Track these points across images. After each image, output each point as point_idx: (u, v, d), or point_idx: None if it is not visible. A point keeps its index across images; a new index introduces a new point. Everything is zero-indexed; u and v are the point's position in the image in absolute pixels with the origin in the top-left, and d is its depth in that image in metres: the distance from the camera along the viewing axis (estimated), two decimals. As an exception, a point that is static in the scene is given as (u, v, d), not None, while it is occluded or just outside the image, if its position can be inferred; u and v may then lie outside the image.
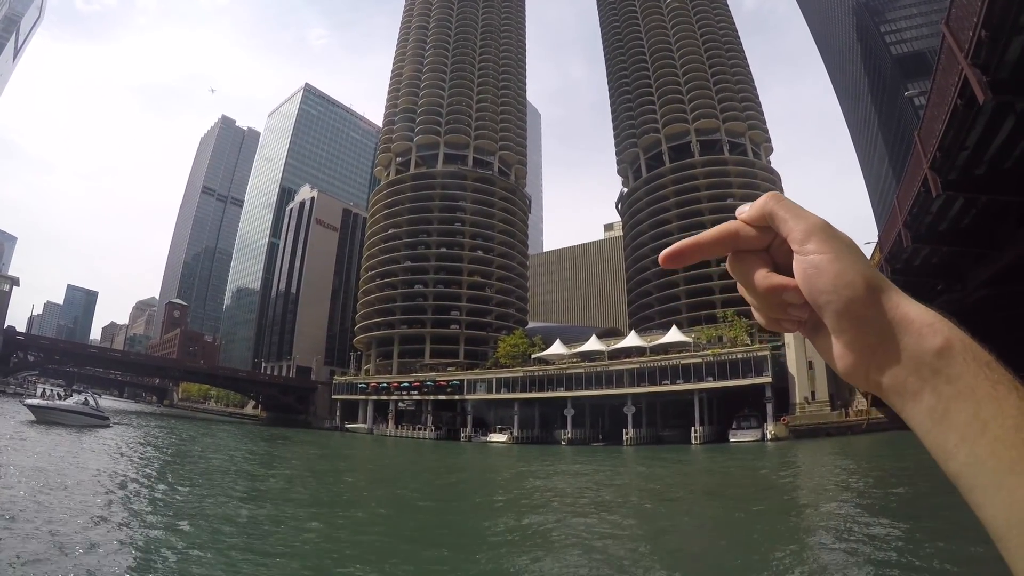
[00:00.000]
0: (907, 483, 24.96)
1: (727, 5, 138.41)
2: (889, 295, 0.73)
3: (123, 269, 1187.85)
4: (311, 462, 42.73)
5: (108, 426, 54.19)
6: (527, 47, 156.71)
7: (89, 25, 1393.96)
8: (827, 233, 0.76)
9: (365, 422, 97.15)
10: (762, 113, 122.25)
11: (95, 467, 26.36)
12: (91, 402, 57.30)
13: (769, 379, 62.40)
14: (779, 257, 0.83)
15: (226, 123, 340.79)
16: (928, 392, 0.68)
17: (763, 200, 0.82)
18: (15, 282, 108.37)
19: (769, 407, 62.08)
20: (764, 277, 0.81)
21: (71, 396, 62.41)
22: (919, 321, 0.70)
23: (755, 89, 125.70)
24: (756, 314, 0.87)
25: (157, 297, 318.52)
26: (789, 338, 65.05)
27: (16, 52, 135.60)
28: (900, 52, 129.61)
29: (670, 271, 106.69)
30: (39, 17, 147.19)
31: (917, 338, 0.69)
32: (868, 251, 34.81)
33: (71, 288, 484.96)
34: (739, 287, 0.85)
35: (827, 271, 0.74)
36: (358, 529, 17.49)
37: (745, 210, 0.84)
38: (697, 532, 18.61)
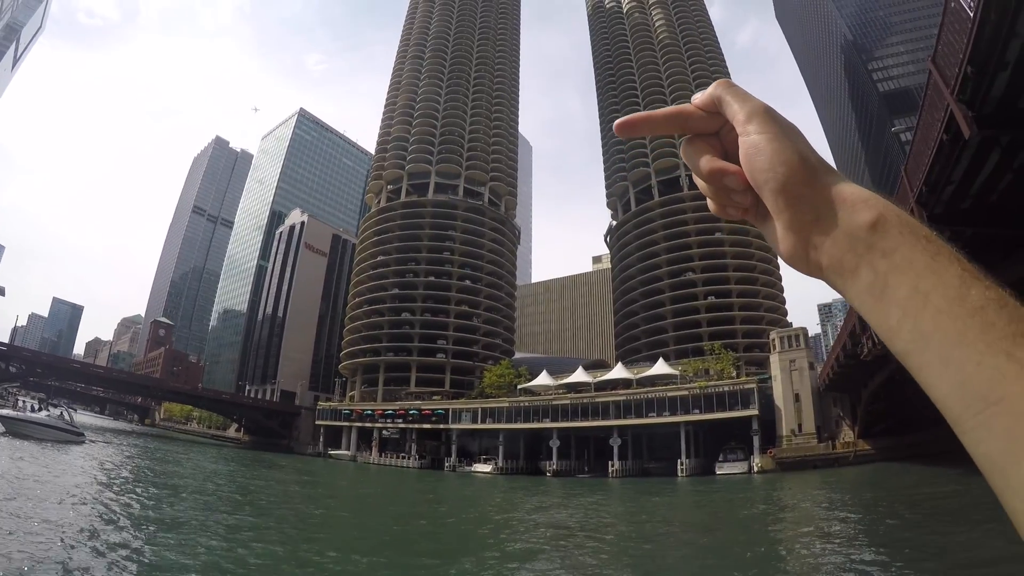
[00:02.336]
0: (893, 515, 24.86)
1: (717, 41, 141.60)
2: (827, 175, 0.75)
3: (110, 285, 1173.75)
4: (289, 488, 41.93)
5: (83, 442, 52.82)
6: (521, 79, 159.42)
7: (90, 38, 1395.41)
8: (769, 115, 0.80)
9: (348, 449, 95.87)
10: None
11: (57, 484, 25.54)
12: (66, 416, 56.03)
13: (756, 412, 62.40)
14: (728, 145, 0.86)
15: (220, 144, 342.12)
16: (865, 267, 0.67)
17: (714, 86, 0.87)
18: (1, 292, 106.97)
19: (756, 439, 62.11)
20: (708, 161, 0.85)
21: (44, 409, 60.68)
22: (853, 197, 0.71)
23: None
24: (709, 203, 0.90)
25: (143, 315, 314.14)
26: (776, 371, 65.34)
27: (15, 61, 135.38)
28: (887, 89, 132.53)
29: (658, 304, 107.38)
30: (40, 27, 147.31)
31: (850, 213, 0.69)
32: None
33: (57, 301, 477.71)
34: (693, 177, 0.89)
35: (765, 150, 0.76)
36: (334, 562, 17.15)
37: (698, 96, 0.89)
38: (684, 568, 18.40)
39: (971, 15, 12.04)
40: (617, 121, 0.91)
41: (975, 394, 0.54)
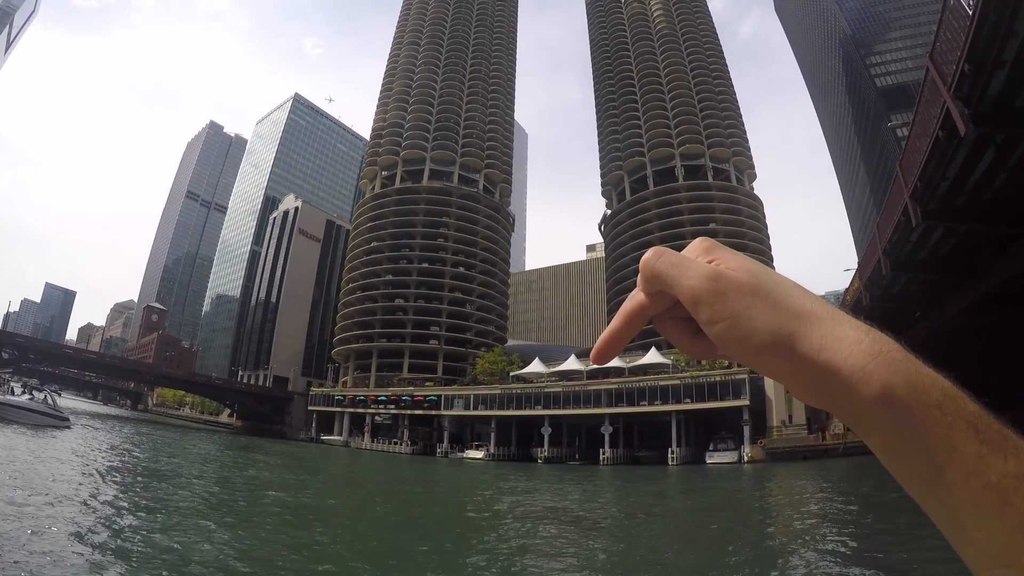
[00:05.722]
0: (878, 505, 25.16)
1: (715, 32, 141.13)
2: (807, 340, 0.64)
3: (102, 270, 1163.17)
4: (281, 473, 41.99)
5: (68, 427, 51.90)
6: (519, 67, 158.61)
7: (84, 19, 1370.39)
8: (712, 297, 0.69)
9: (341, 435, 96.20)
10: (747, 140, 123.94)
11: (26, 470, 24.46)
12: (50, 400, 55.25)
13: (746, 402, 62.91)
14: None
15: (214, 128, 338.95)
16: (874, 434, 0.61)
17: (645, 261, 0.77)
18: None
19: (746, 429, 62.59)
20: (693, 345, 0.78)
21: (27, 393, 59.60)
22: (847, 368, 0.61)
23: (741, 116, 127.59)
24: None
25: (136, 300, 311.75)
26: (767, 362, 65.61)
27: (8, 44, 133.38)
28: (884, 84, 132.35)
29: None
30: (34, 10, 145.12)
31: (849, 388, 0.61)
32: (848, 278, 35.34)
33: (49, 286, 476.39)
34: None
35: (731, 343, 0.68)
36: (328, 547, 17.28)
37: (640, 282, 0.79)
38: (672, 553, 18.62)
39: (970, 13, 12.07)
40: (591, 355, 0.85)
41: (987, 555, 0.54)
